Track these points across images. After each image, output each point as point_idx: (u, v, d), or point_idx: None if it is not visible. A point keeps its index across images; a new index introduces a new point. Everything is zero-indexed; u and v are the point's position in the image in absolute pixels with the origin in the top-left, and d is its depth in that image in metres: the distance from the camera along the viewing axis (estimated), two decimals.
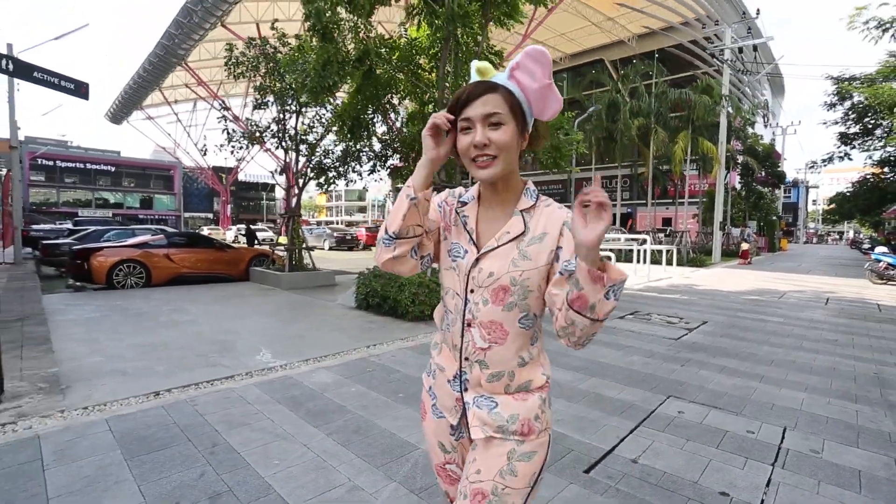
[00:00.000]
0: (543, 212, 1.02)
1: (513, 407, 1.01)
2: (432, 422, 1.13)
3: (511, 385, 1.02)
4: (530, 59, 0.96)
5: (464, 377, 1.05)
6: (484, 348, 1.01)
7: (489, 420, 1.01)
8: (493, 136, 0.95)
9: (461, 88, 1.00)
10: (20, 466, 2.32)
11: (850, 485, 2.28)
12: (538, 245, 0.98)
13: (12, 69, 3.52)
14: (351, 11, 6.57)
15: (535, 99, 0.98)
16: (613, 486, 2.22)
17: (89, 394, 3.51)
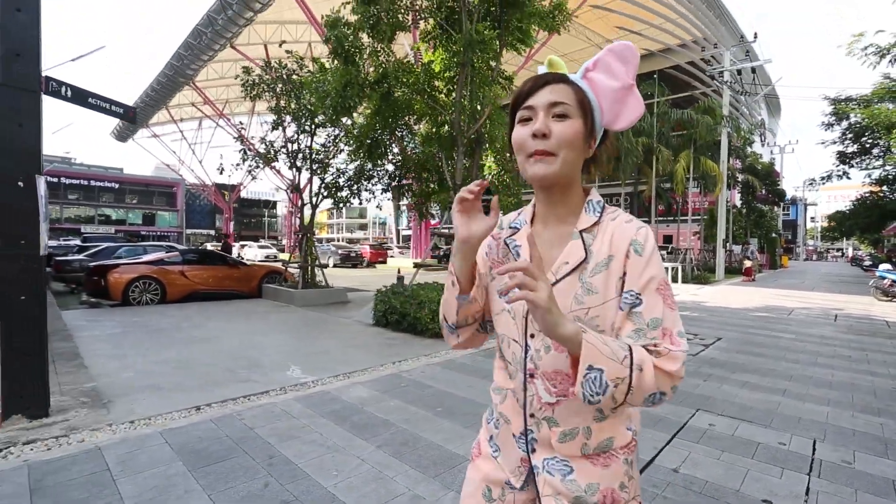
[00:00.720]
0: (608, 228, 0.85)
1: (592, 474, 0.85)
2: (488, 464, 0.97)
3: (588, 445, 0.85)
4: (613, 56, 0.86)
5: (530, 436, 0.89)
6: (551, 403, 0.86)
7: (563, 489, 0.85)
8: (556, 128, 0.82)
9: (527, 79, 0.87)
10: (91, 476, 2.42)
11: (885, 493, 2.39)
12: (604, 273, 0.82)
13: (70, 96, 3.69)
14: (372, 37, 6.83)
15: (612, 101, 0.86)
16: (660, 494, 2.32)
17: (132, 408, 3.61)
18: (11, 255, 3.30)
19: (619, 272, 0.82)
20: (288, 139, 10.52)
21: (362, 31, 6.65)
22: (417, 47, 7.72)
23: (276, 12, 26.44)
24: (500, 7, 7.13)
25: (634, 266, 0.81)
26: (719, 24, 24.70)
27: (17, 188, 3.30)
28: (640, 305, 0.80)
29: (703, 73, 24.59)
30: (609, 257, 0.82)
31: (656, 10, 22.95)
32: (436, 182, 9.55)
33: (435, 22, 7.22)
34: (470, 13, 6.94)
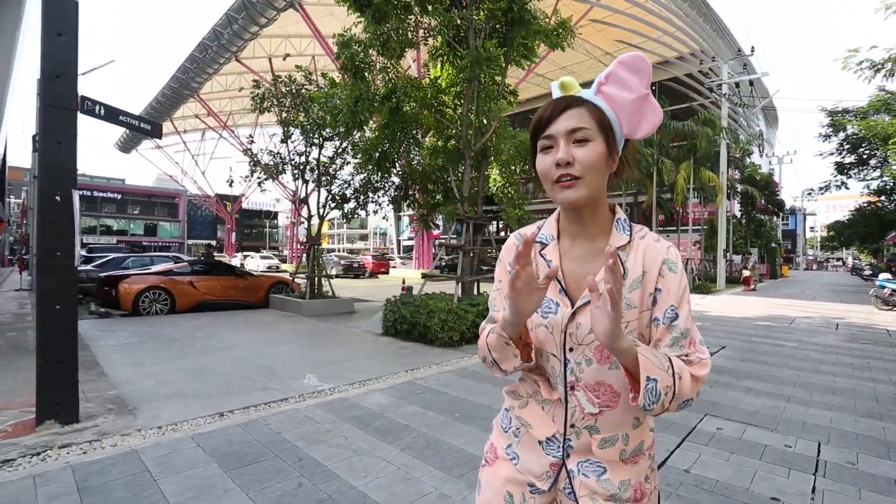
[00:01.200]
0: (639, 246, 0.90)
1: (623, 472, 0.91)
2: (506, 470, 0.99)
3: (626, 450, 0.92)
4: (625, 68, 0.88)
5: (567, 443, 0.93)
6: (594, 413, 0.90)
7: (599, 489, 0.90)
8: (579, 154, 0.85)
9: (543, 106, 0.90)
10: (133, 476, 2.54)
11: (889, 492, 2.51)
12: (640, 289, 0.88)
13: (104, 114, 3.87)
14: (382, 54, 7.05)
15: (630, 112, 0.88)
16: (675, 493, 2.45)
17: (157, 414, 3.73)
18: (48, 267, 3.45)
19: (652, 287, 0.88)
20: (296, 152, 10.73)
21: (372, 48, 6.87)
22: (425, 64, 7.93)
23: (281, 27, 26.85)
24: (506, 25, 7.37)
25: (670, 282, 0.87)
26: (716, 37, 25.13)
27: (55, 202, 3.46)
28: (677, 319, 0.86)
29: (701, 84, 24.96)
30: (643, 273, 0.88)
31: (655, 24, 23.36)
32: (441, 193, 9.73)
33: (443, 39, 7.45)
34: (477, 31, 7.18)
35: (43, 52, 3.42)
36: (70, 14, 3.52)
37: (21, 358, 5.66)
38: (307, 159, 10.67)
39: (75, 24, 3.55)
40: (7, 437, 3.26)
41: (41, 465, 2.75)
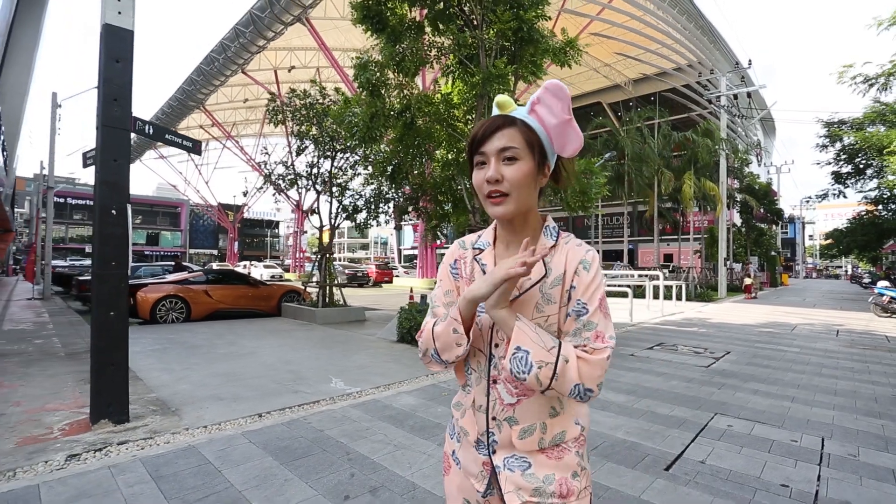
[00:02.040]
0: (563, 249, 0.98)
1: (547, 466, 0.95)
2: (458, 477, 1.07)
3: (545, 439, 0.96)
4: (549, 94, 0.94)
5: (491, 438, 0.99)
6: (512, 404, 0.96)
7: (524, 483, 0.94)
8: (507, 172, 0.92)
9: (479, 123, 0.97)
10: (199, 467, 2.79)
11: (886, 479, 2.76)
12: (560, 286, 0.95)
13: (152, 133, 4.15)
14: (398, 72, 7.37)
15: (556, 135, 0.95)
16: (693, 480, 2.70)
17: (200, 415, 3.97)
18: (104, 276, 3.71)
19: (568, 285, 0.95)
20: (308, 163, 11.04)
21: (388, 68, 7.19)
22: (436, 80, 8.25)
23: (286, 39, 27.31)
24: (515, 44, 7.70)
25: (583, 280, 0.94)
26: (713, 49, 25.65)
27: (111, 215, 3.73)
28: (585, 314, 0.93)
29: (699, 95, 25.44)
30: (563, 273, 0.96)
31: (653, 37, 23.86)
32: (450, 204, 10.02)
33: (455, 58, 7.77)
34: (487, 50, 7.51)
35: (104, 77, 3.71)
36: (127, 43, 3.82)
37: (54, 363, 5.90)
38: (319, 171, 10.98)
39: (131, 52, 3.85)
40: (67, 435, 3.50)
41: (108, 459, 2.99)
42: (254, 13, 22.68)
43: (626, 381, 4.94)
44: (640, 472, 2.80)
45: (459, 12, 7.80)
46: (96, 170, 3.79)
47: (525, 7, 7.44)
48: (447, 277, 1.09)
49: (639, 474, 2.76)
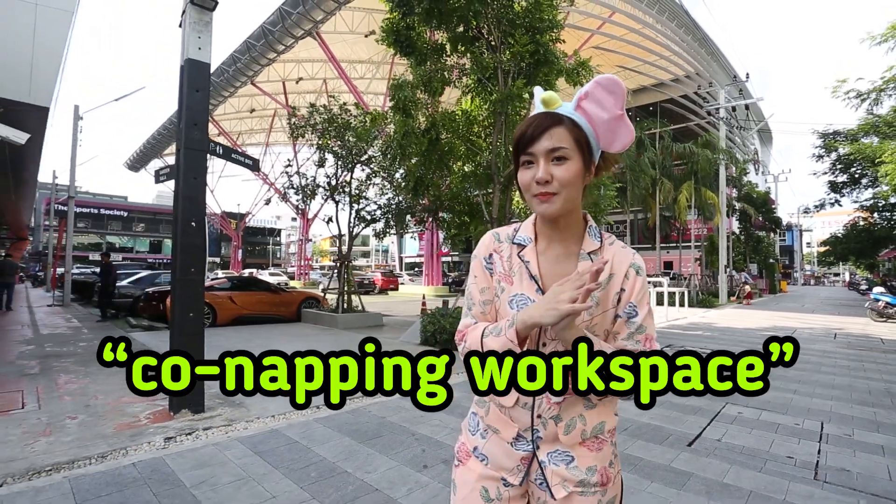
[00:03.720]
0: (609, 251, 1.00)
1: (589, 458, 0.99)
2: (477, 469, 1.05)
3: (586, 430, 0.99)
4: (601, 89, 0.93)
5: (536, 435, 0.99)
6: (559, 402, 0.98)
7: (569, 476, 0.97)
8: (557, 172, 0.92)
9: (524, 121, 0.96)
10: (289, 445, 3.25)
11: (877, 452, 3.24)
12: (606, 289, 0.97)
13: (221, 153, 4.66)
14: (425, 93, 7.91)
15: (605, 130, 0.95)
16: (712, 453, 3.17)
17: (265, 406, 4.42)
18: (186, 281, 4.19)
19: (618, 287, 0.97)
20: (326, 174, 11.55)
21: (418, 88, 7.73)
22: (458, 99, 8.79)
23: (293, 51, 27.93)
24: (531, 65, 8.25)
25: (634, 284, 0.97)
26: (711, 60, 26.36)
27: (191, 227, 4.22)
28: (636, 316, 0.97)
29: (698, 106, 26.13)
30: (610, 275, 0.97)
31: (652, 49, 24.57)
32: (467, 214, 10.54)
33: (475, 77, 8.32)
34: (505, 72, 8.05)
35: (186, 104, 4.22)
36: (205, 75, 4.33)
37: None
38: (338, 182, 11.49)
39: (208, 82, 4.36)
40: (154, 422, 3.96)
41: (203, 440, 3.45)
42: (265, 27, 23.33)
43: None
44: (666, 447, 3.28)
45: (478, 34, 8.37)
46: (177, 186, 4.28)
47: (541, 31, 8.01)
48: (482, 273, 1.08)
49: (666, 449, 3.24)
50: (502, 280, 1.03)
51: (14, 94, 4.40)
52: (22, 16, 4.35)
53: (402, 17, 7.52)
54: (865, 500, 2.56)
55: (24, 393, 4.78)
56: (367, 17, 25.13)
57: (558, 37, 8.23)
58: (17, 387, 5.04)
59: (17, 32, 4.34)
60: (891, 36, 13.20)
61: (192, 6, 4.27)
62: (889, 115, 15.19)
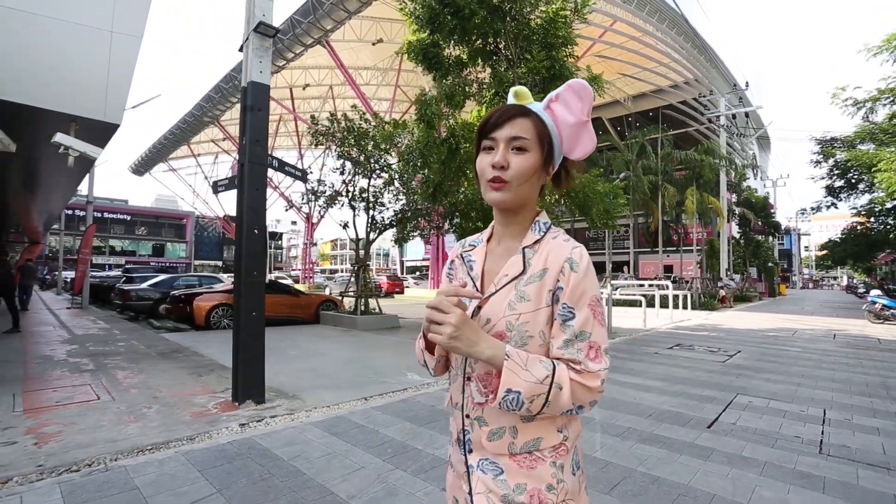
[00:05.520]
0: (547, 245, 0.95)
1: (519, 475, 0.90)
2: (451, 475, 1.05)
3: (515, 444, 0.91)
4: (572, 93, 0.94)
5: (466, 437, 0.97)
6: (481, 403, 0.93)
7: (494, 488, 0.91)
8: (514, 161, 0.91)
9: (493, 109, 0.97)
10: (359, 428, 3.69)
11: (873, 433, 3.70)
12: (537, 283, 0.91)
13: (276, 166, 5.10)
14: (448, 105, 8.39)
15: (569, 135, 0.95)
16: (729, 433, 3.62)
17: (319, 398, 4.86)
18: (250, 283, 4.63)
19: (552, 284, 0.90)
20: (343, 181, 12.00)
21: (441, 102, 8.21)
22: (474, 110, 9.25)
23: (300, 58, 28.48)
24: (547, 80, 8.73)
25: (570, 281, 0.89)
26: (710, 67, 26.95)
27: (254, 234, 4.67)
28: (572, 319, 0.88)
29: (698, 112, 26.69)
30: (543, 270, 0.91)
31: (652, 56, 25.14)
32: (481, 220, 10.99)
33: (491, 91, 8.80)
34: (523, 85, 8.54)
35: (250, 123, 4.67)
36: (265, 95, 4.78)
37: (156, 361, 6.77)
38: (355, 188, 11.94)
39: (268, 102, 4.81)
40: (224, 411, 4.39)
41: (275, 426, 3.88)
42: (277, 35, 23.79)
43: (659, 372, 5.88)
44: (689, 429, 3.73)
45: (496, 49, 8.86)
46: (240, 197, 4.73)
47: (556, 47, 8.50)
48: (444, 279, 1.11)
49: (688, 430, 3.69)
50: (459, 284, 1.05)
51: (91, 112, 4.85)
52: (99, 43, 4.81)
53: (429, 34, 7.99)
54: (863, 468, 3.01)
55: (93, 387, 5.20)
56: (374, 26, 25.67)
57: (572, 52, 8.72)
58: (82, 381, 5.47)
59: (94, 58, 4.81)
60: (886, 48, 13.74)
61: (255, 34, 4.73)
62: (884, 123, 15.73)
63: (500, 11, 8.20)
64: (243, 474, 2.81)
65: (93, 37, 4.77)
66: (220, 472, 2.84)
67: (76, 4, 4.67)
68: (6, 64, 4.41)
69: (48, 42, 4.59)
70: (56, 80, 4.67)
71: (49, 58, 4.62)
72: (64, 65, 4.69)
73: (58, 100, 4.69)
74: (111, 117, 4.94)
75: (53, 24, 4.60)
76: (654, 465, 3.01)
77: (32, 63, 4.55)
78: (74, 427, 3.81)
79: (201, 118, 34.13)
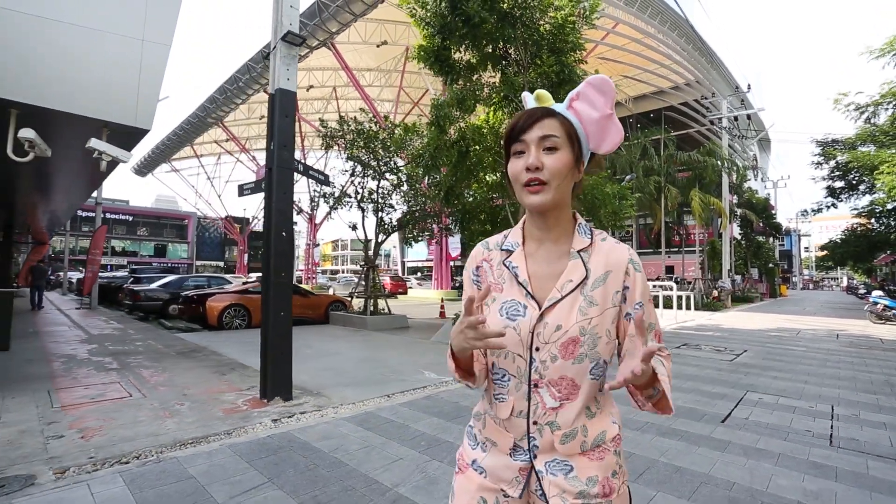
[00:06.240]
0: (601, 248, 0.97)
1: (590, 468, 0.94)
2: (476, 480, 1.02)
3: (587, 442, 0.94)
4: (593, 89, 0.96)
5: (532, 443, 0.96)
6: (555, 408, 0.94)
7: (568, 487, 0.93)
8: (548, 161, 0.92)
9: (517, 114, 0.97)
10: (388, 422, 3.86)
11: (880, 427, 3.87)
12: (602, 287, 0.94)
13: (301, 170, 5.27)
14: (458, 110, 8.56)
15: (595, 130, 0.96)
16: (743, 427, 3.80)
17: (344, 395, 5.02)
18: (278, 284, 4.79)
19: (618, 285, 0.94)
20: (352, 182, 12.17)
21: (453, 106, 8.38)
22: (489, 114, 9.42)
23: (303, 60, 28.65)
24: (556, 85, 8.90)
25: (637, 281, 0.95)
26: (710, 69, 27.16)
27: (282, 236, 4.83)
28: (645, 314, 0.94)
29: (699, 114, 26.91)
30: (606, 273, 0.94)
31: (653, 58, 25.34)
32: (489, 223, 11.16)
33: (501, 95, 8.97)
34: (531, 90, 8.72)
35: (278, 128, 4.83)
36: (293, 102, 4.96)
37: (177, 360, 6.93)
38: (364, 190, 12.11)
39: (295, 109, 4.99)
40: (254, 408, 4.55)
41: (306, 421, 4.05)
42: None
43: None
44: (704, 423, 3.90)
45: (506, 54, 9.03)
46: (268, 200, 4.90)
47: (565, 52, 8.67)
48: (469, 285, 1.08)
49: (704, 424, 3.86)
50: (493, 289, 1.01)
51: (123, 118, 5.02)
52: (131, 51, 4.98)
53: (441, 40, 8.16)
54: (873, 460, 3.18)
55: (122, 384, 5.37)
56: (378, 28, 25.86)
57: (581, 58, 8.89)
58: (110, 379, 5.63)
59: (126, 65, 4.98)
60: (888, 51, 13.93)
61: (283, 42, 4.90)
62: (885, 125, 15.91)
63: (510, 18, 8.37)
64: (289, 465, 2.97)
65: (125, 45, 4.94)
66: (266, 462, 3.01)
67: (111, 15, 4.84)
68: (45, 72, 4.58)
69: (84, 51, 4.76)
70: (90, 88, 4.83)
71: (84, 66, 4.78)
72: (98, 72, 4.86)
73: (92, 106, 4.86)
74: (141, 122, 5.11)
75: (89, 34, 4.77)
76: (675, 456, 3.18)
77: (69, 71, 4.72)
78: (114, 422, 3.97)
79: (205, 119, 34.29)
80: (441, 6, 8.08)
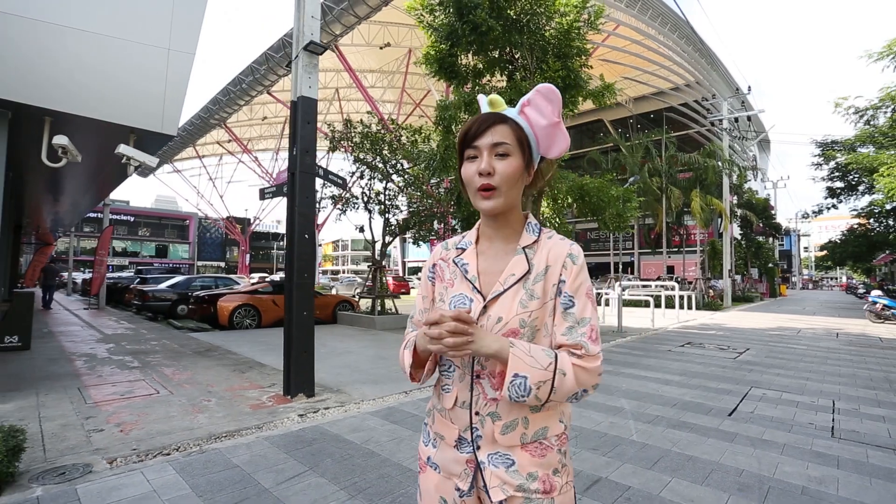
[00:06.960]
0: (545, 245, 1.02)
1: (531, 463, 0.96)
2: (434, 478, 1.05)
3: (527, 434, 0.97)
4: (541, 97, 0.99)
5: (475, 433, 0.99)
6: (495, 398, 0.97)
7: (508, 479, 0.95)
8: (499, 167, 0.96)
9: (470, 119, 1.01)
10: (412, 416, 4.05)
11: (879, 420, 4.07)
12: (543, 281, 0.98)
13: (321, 174, 5.46)
14: (465, 112, 8.75)
15: (543, 136, 1.00)
16: (749, 421, 3.99)
17: (363, 392, 5.21)
18: (301, 284, 4.98)
19: (555, 279, 0.98)
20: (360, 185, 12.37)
21: (460, 109, 8.58)
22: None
23: None
24: (561, 89, 9.11)
25: (571, 274, 0.98)
26: (710, 70, 27.36)
27: (305, 239, 5.03)
28: (573, 307, 0.97)
29: (699, 115, 27.12)
30: (546, 267, 0.99)
31: (654, 59, 25.55)
32: None
33: (507, 99, 9.18)
34: None
35: (300, 135, 5.02)
36: (314, 109, 5.14)
37: (195, 358, 7.11)
38: (372, 192, 12.30)
39: (315, 115, 5.17)
40: (279, 404, 4.73)
41: (333, 416, 4.24)
42: (286, 39, 24.13)
43: (675, 368, 6.25)
44: (711, 416, 4.10)
45: (512, 59, 9.23)
46: (291, 204, 5.08)
47: (570, 57, 8.87)
48: (424, 283, 1.14)
49: (711, 418, 4.06)
50: (448, 286, 1.07)
51: (150, 125, 5.21)
52: (157, 60, 5.17)
53: (449, 47, 8.36)
54: (872, 449, 3.38)
55: (147, 382, 5.56)
56: (382, 30, 26.05)
57: (586, 63, 9.09)
58: (134, 377, 5.82)
59: (153, 73, 5.17)
60: (887, 54, 14.13)
61: (305, 52, 5.09)
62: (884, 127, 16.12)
63: (517, 25, 8.57)
64: (325, 455, 3.17)
65: (152, 54, 5.13)
66: (304, 453, 3.20)
67: (139, 27, 5.03)
68: (77, 81, 4.77)
69: (113, 60, 4.95)
70: (119, 95, 5.03)
71: (114, 74, 4.98)
72: (127, 80, 5.05)
73: (120, 113, 5.05)
74: (167, 129, 5.30)
75: (118, 44, 4.96)
76: (686, 446, 3.37)
77: (99, 79, 4.91)
78: (148, 417, 4.16)
79: (208, 120, 34.46)
80: (449, 14, 8.28)
